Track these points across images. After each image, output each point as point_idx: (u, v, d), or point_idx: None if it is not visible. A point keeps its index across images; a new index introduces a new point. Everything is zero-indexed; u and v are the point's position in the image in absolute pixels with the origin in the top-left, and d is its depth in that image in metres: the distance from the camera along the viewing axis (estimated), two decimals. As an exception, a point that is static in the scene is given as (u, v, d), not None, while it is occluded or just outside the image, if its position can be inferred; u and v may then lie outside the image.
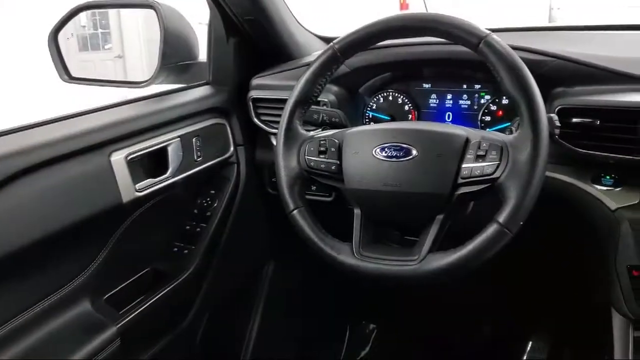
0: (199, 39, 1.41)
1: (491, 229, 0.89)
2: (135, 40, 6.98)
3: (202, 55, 1.44)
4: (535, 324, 1.81)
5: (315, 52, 1.48)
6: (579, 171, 1.11)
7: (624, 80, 1.09)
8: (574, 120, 1.06)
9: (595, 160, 1.08)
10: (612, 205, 1.05)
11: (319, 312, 1.93)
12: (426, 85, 1.35)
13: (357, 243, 1.00)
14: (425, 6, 1.71)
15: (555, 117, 1.00)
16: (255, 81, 1.43)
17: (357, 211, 1.03)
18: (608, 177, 1.08)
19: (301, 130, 1.08)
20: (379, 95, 1.39)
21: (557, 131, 1.00)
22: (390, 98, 1.38)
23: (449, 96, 1.33)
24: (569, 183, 1.11)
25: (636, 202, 1.04)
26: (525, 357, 1.74)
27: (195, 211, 1.42)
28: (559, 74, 1.14)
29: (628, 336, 1.06)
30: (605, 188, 1.08)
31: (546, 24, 1.68)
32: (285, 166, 1.06)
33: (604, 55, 1.15)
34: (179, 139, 1.26)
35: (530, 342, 1.77)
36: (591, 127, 1.05)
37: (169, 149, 1.23)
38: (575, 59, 1.13)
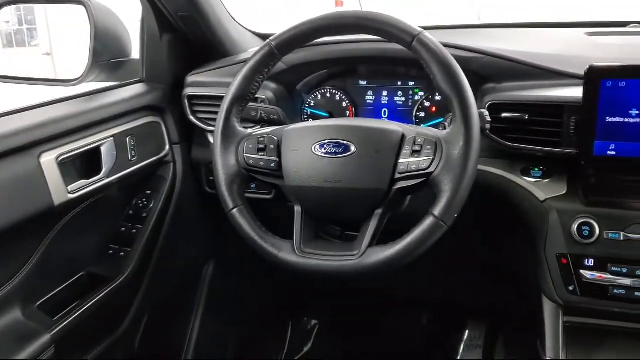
0: (132, 36, 1.37)
1: (427, 222, 0.92)
2: (65, 37, 6.73)
3: (136, 52, 1.41)
4: (471, 313, 1.87)
5: (252, 49, 1.47)
6: (509, 164, 1.16)
7: (550, 76, 1.14)
8: (504, 115, 1.10)
9: (524, 154, 1.12)
10: (541, 196, 1.10)
11: (261, 311, 1.92)
12: (362, 82, 1.37)
13: (297, 240, 1.00)
14: (360, 4, 1.72)
15: (486, 112, 1.04)
16: (191, 78, 1.41)
17: (297, 208, 1.03)
18: (537, 169, 1.13)
19: (239, 128, 1.07)
20: (317, 92, 1.39)
21: (488, 126, 1.03)
22: (328, 95, 1.39)
23: (385, 93, 1.35)
24: (500, 176, 1.15)
25: (564, 192, 1.09)
26: (463, 345, 1.80)
27: (131, 212, 1.38)
28: (488, 70, 1.18)
29: (558, 321, 1.11)
30: (534, 180, 1.12)
31: (477, 21, 1.73)
32: (224, 164, 1.05)
33: (532, 52, 1.20)
34: (112, 138, 1.22)
35: (468, 331, 1.83)
36: (520, 121, 1.09)
37: (102, 149, 1.20)
38: (504, 56, 1.17)
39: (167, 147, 1.41)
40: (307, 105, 1.41)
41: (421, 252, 0.93)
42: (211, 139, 1.38)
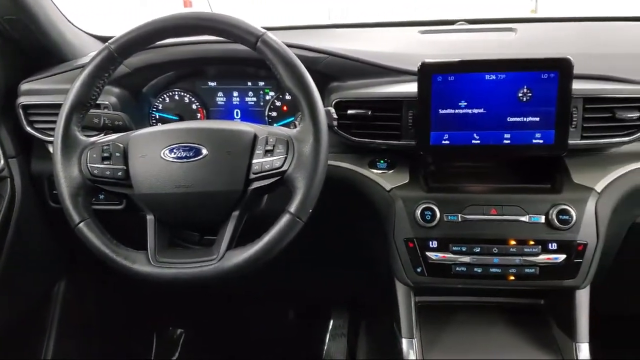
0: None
1: (284, 220, 0.93)
2: None
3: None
4: (334, 303, 1.94)
5: (91, 53, 1.39)
6: (357, 158, 1.21)
7: (389, 73, 1.22)
8: (349, 111, 1.15)
9: (370, 147, 1.19)
10: (387, 186, 1.16)
11: (122, 325, 1.84)
12: (212, 84, 1.36)
13: (152, 250, 0.97)
14: (210, 6, 1.69)
15: (332, 110, 1.08)
16: (24, 86, 1.30)
17: (149, 217, 1.00)
18: (382, 161, 1.20)
19: (80, 137, 1.01)
20: (164, 95, 1.36)
21: (335, 123, 1.07)
22: (177, 97, 1.36)
23: (236, 93, 1.35)
24: (350, 169, 1.20)
25: (407, 181, 1.17)
26: (328, 335, 1.86)
27: None
28: (333, 69, 1.23)
29: (410, 302, 1.18)
30: (380, 171, 1.19)
31: (324, 22, 1.80)
32: (66, 176, 0.98)
33: (372, 51, 1.26)
34: None
35: (332, 321, 1.89)
36: (364, 117, 1.15)
37: None
38: (346, 56, 1.22)
39: (2, 161, 1.29)
40: (154, 109, 1.36)
41: (280, 250, 0.94)
42: (51, 150, 1.29)
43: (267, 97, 1.34)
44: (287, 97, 1.32)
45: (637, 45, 1.32)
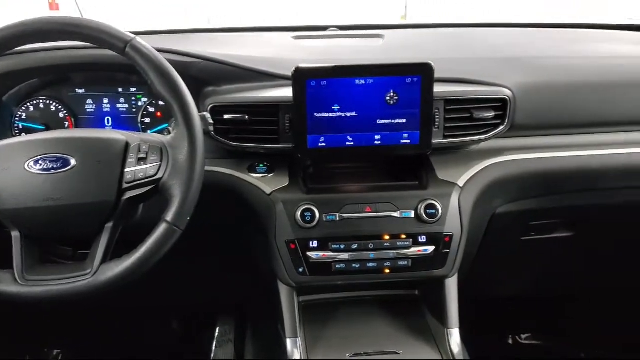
0: None
1: (161, 229, 0.92)
2: None
3: None
4: (220, 310, 1.92)
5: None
6: (236, 163, 1.21)
7: (264, 78, 1.23)
8: (226, 116, 1.15)
9: (249, 152, 1.19)
10: (267, 189, 1.18)
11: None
12: (80, 91, 1.30)
13: (19, 268, 0.92)
14: (80, 10, 1.60)
15: (208, 115, 1.08)
16: None
17: (14, 234, 0.94)
18: (262, 165, 1.21)
19: None
20: (28, 104, 1.28)
21: (211, 128, 1.07)
22: (42, 106, 1.28)
23: (106, 100, 1.30)
24: (229, 174, 1.20)
25: (286, 184, 1.19)
26: (215, 342, 1.84)
27: None
28: (208, 74, 1.22)
29: (294, 302, 1.20)
30: (260, 175, 1.20)
31: (207, 26, 1.78)
32: None
33: (247, 55, 1.27)
34: None
35: (218, 328, 1.87)
36: (241, 122, 1.15)
37: None
38: (220, 60, 1.22)
39: None
40: (17, 119, 1.28)
41: (157, 260, 0.93)
42: None
43: (140, 104, 1.30)
44: (161, 103, 1.29)
45: (493, 49, 1.43)
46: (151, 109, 1.30)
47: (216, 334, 1.85)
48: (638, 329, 1.90)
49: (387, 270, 1.16)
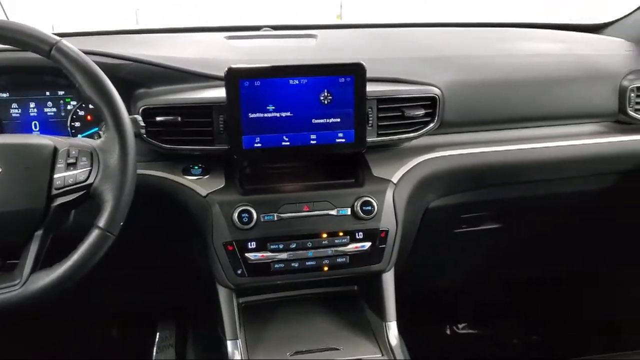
0: None
1: (93, 235, 0.90)
2: None
3: None
4: (160, 315, 1.89)
5: None
6: (170, 165, 1.20)
7: (197, 79, 1.22)
8: (158, 118, 1.13)
9: (183, 154, 1.18)
10: (203, 191, 1.17)
11: None
12: (3, 95, 1.25)
13: None
14: (4, 11, 1.54)
15: (139, 117, 1.06)
16: None
17: None
18: (197, 167, 1.20)
19: None
20: None
21: (143, 131, 1.05)
22: None
23: (32, 105, 1.26)
24: (163, 177, 1.18)
25: (222, 186, 1.18)
26: (155, 348, 1.80)
27: None
28: (138, 76, 1.20)
29: (233, 304, 1.20)
30: (195, 177, 1.19)
31: (131, 26, 1.73)
32: None
33: (178, 56, 1.26)
34: None
35: (158, 333, 1.84)
36: (174, 123, 1.14)
37: None
38: (151, 61, 1.20)
39: None
40: None
41: (90, 267, 0.91)
42: None
43: (69, 107, 1.27)
44: (91, 106, 1.26)
45: (424, 49, 1.47)
46: (81, 113, 1.27)
47: (156, 339, 1.82)
48: (562, 314, 2.01)
49: (326, 268, 1.17)
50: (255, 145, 1.15)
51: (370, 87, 1.17)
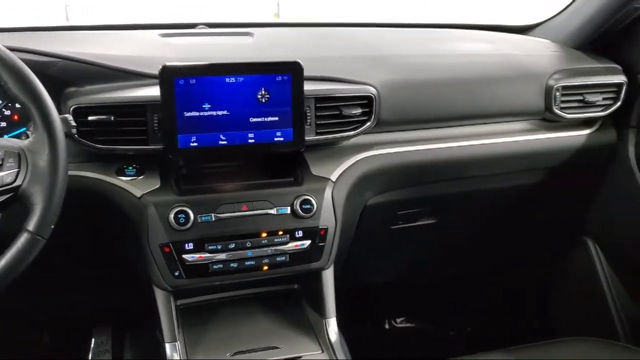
0: None
1: (22, 239, 0.87)
2: None
3: None
4: (96, 320, 1.83)
5: None
6: (103, 166, 1.16)
7: (130, 77, 1.19)
8: (90, 118, 1.10)
9: (117, 154, 1.15)
10: (138, 192, 1.14)
11: None
12: None
13: None
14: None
15: (69, 117, 1.02)
16: None
17: None
18: (131, 167, 1.17)
19: None
20: None
21: (74, 131, 1.02)
22: None
23: (-47, 103, 1.19)
24: (96, 179, 1.15)
25: (158, 186, 1.16)
26: (91, 354, 1.75)
27: None
28: (68, 74, 1.15)
29: (171, 307, 1.18)
30: (129, 178, 1.15)
31: (61, 23, 1.66)
32: None
33: (111, 54, 1.22)
34: None
35: (93, 339, 1.79)
36: (107, 123, 1.11)
37: None
38: (81, 59, 1.16)
39: None
40: None
41: (20, 272, 0.87)
42: None
43: None
44: (18, 105, 1.20)
45: (361, 48, 1.49)
46: (7, 112, 1.21)
47: (92, 345, 1.77)
48: (497, 306, 2.09)
49: (266, 267, 1.17)
50: (191, 144, 1.13)
51: (308, 86, 1.17)
